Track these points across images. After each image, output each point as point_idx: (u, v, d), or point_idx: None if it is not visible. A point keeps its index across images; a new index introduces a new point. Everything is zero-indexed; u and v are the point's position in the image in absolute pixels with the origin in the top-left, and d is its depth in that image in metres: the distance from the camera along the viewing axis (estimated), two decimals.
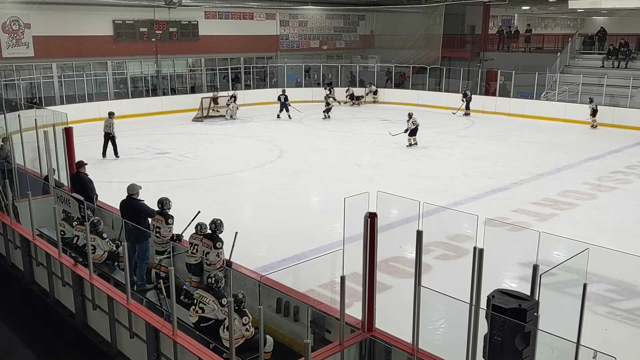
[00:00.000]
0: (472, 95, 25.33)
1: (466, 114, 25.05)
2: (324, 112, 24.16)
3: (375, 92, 28.92)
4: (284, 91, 24.38)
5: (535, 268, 4.17)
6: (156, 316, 6.12)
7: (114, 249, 7.98)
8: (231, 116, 24.03)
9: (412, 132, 18.15)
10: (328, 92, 25.37)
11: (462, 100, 25.13)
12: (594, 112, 21.85)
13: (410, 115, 18.32)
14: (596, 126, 21.83)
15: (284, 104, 23.83)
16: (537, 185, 13.98)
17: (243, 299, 5.72)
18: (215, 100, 24.81)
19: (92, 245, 7.72)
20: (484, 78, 27.82)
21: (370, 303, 5.43)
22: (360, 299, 5.48)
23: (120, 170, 15.01)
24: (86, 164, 9.49)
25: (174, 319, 5.67)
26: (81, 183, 9.18)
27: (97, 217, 8.15)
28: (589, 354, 3.50)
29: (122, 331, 6.64)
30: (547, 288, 4.15)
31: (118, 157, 16.67)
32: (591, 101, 22.16)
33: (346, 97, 28.02)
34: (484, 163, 16.26)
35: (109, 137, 16.68)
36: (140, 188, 8.05)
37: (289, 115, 23.83)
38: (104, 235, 7.98)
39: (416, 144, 18.16)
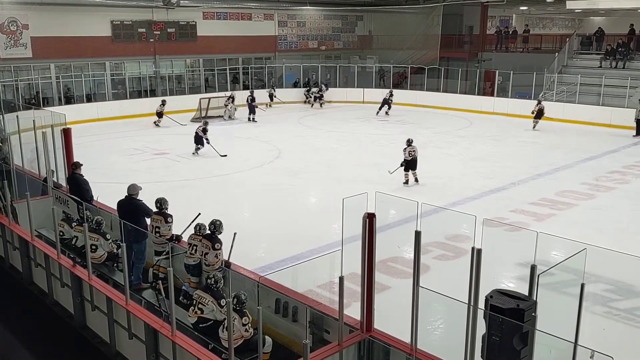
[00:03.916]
0: (392, 102, 25.29)
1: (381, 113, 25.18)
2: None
3: (316, 98, 27.87)
4: (252, 92, 24.33)
5: (533, 268, 4.19)
6: (155, 317, 6.13)
7: (115, 250, 7.98)
8: (229, 117, 24.03)
9: (410, 165, 13.95)
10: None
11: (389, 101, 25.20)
12: (539, 114, 21.55)
13: (409, 142, 14.03)
14: (534, 127, 21.55)
15: (251, 105, 23.59)
16: (535, 186, 14.00)
17: (245, 300, 5.73)
18: None
19: (94, 244, 7.74)
20: (482, 78, 27.86)
21: (369, 303, 5.44)
22: (359, 299, 5.48)
23: (118, 171, 15.00)
24: (82, 165, 9.49)
25: (172, 319, 5.68)
26: (76, 184, 9.18)
27: (100, 217, 8.15)
28: (587, 353, 3.51)
29: (121, 332, 6.64)
30: (545, 288, 4.16)
31: None
32: (539, 102, 21.99)
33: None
34: (482, 163, 16.28)
35: None
36: (141, 189, 8.05)
37: (254, 118, 23.53)
38: (108, 236, 7.99)
39: (416, 180, 13.94)
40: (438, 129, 22.01)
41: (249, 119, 23.65)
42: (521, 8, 36.28)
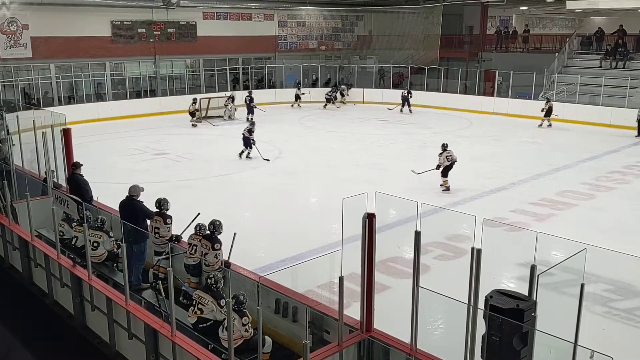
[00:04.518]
0: (410, 97, 25.91)
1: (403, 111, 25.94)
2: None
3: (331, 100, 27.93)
4: (250, 92, 24.38)
5: (533, 268, 4.19)
6: (155, 317, 6.13)
7: (115, 249, 7.98)
8: (229, 117, 24.03)
9: (445, 171, 13.33)
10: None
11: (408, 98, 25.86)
12: (548, 112, 22.02)
13: (444, 147, 13.38)
14: (550, 125, 22.03)
15: (250, 106, 23.62)
16: (535, 186, 14.00)
17: (244, 300, 5.73)
18: None
19: (96, 241, 7.73)
20: (482, 78, 27.84)
21: (369, 303, 5.44)
22: (359, 299, 5.48)
23: (118, 172, 15.00)
24: (82, 165, 9.49)
25: (172, 319, 5.68)
26: (76, 184, 9.18)
27: (103, 216, 8.16)
28: (587, 353, 3.51)
29: (120, 332, 6.64)
30: (545, 288, 4.16)
31: None
32: (548, 100, 22.48)
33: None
34: (482, 163, 16.27)
35: None
36: (143, 190, 8.04)
37: (252, 118, 23.10)
38: (111, 233, 7.99)
39: (447, 187, 13.31)
40: (438, 129, 22.00)
41: (247, 119, 23.62)
42: (521, 8, 36.28)
